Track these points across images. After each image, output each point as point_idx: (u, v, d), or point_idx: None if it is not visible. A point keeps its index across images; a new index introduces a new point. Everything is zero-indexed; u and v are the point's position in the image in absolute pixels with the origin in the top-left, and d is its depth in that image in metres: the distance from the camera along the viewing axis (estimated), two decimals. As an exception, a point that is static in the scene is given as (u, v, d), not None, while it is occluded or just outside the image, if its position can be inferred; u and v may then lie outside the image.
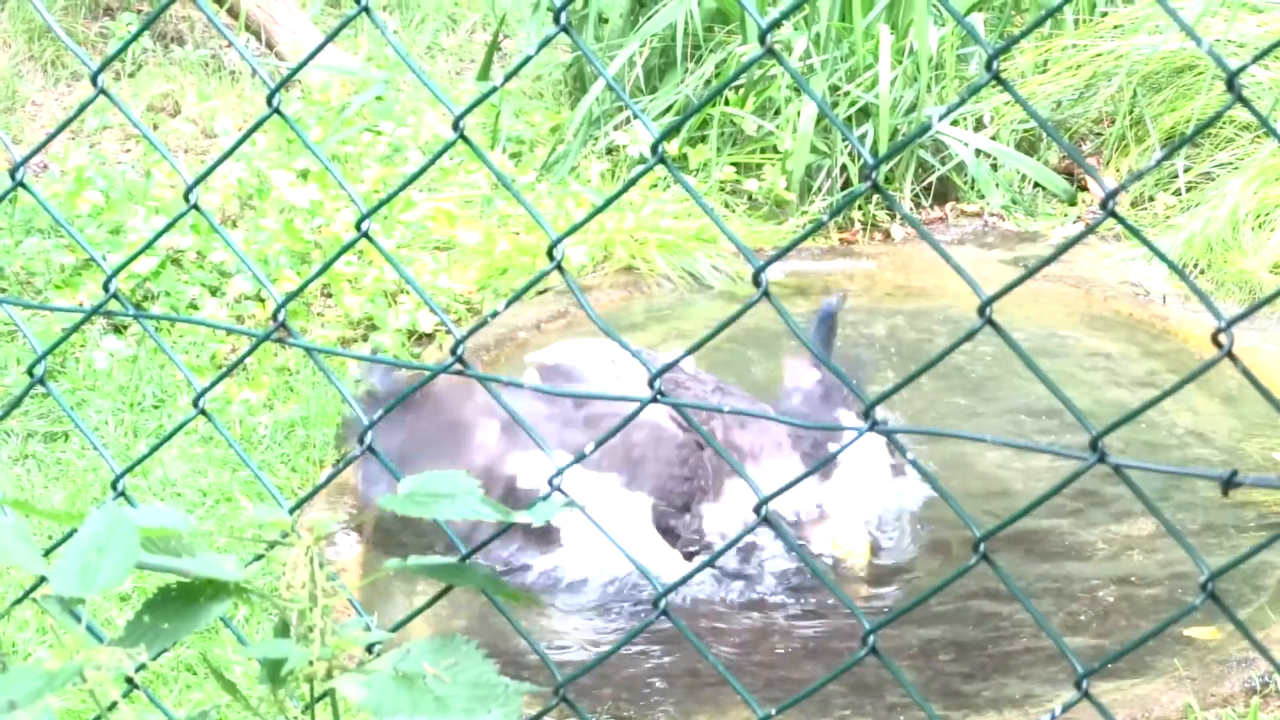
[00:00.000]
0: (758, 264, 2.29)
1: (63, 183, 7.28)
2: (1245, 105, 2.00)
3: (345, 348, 6.41)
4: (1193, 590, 5.03)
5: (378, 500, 2.45)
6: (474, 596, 4.44)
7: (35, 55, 9.40)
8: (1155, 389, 6.33)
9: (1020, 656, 4.95)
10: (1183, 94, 7.92)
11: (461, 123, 2.43)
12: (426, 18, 10.17)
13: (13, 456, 5.73)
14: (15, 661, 4.23)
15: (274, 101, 2.62)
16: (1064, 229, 7.83)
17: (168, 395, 6.08)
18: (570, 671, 2.47)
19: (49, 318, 6.30)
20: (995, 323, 2.13)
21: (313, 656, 2.15)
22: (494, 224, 7.39)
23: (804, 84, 2.25)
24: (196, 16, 9.81)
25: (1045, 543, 5.47)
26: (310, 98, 8.48)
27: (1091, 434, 2.09)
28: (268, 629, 4.65)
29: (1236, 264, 7.03)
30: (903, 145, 2.08)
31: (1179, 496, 5.62)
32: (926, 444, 5.75)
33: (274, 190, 7.26)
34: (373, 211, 2.53)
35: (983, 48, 2.13)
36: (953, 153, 8.04)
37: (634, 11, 8.55)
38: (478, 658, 2.16)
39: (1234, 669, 4.64)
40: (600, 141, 8.17)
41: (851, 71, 8.00)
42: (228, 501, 5.48)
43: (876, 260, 7.64)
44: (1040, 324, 6.98)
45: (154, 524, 2.23)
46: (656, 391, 2.39)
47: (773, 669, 4.96)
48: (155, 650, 2.17)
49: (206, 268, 6.77)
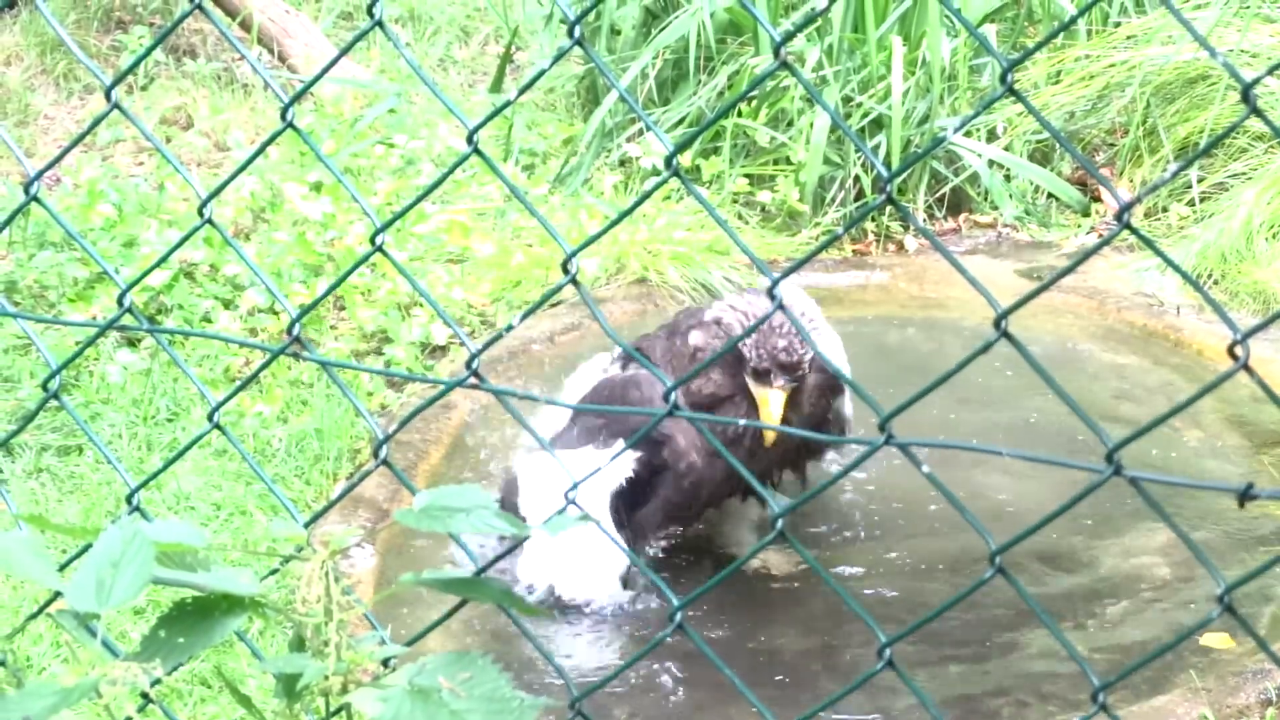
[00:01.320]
0: (773, 277, 2.29)
1: (76, 196, 7.29)
2: (1260, 117, 2.00)
3: (359, 361, 6.40)
4: (1209, 603, 5.02)
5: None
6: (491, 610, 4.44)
7: (48, 68, 9.42)
8: (1170, 401, 6.32)
9: (1036, 670, 4.95)
10: (1196, 104, 7.91)
11: (475, 136, 2.43)
12: (439, 30, 10.18)
13: (27, 470, 5.73)
14: (31, 676, 4.23)
15: (288, 115, 2.62)
16: (1078, 240, 7.82)
17: (181, 409, 6.08)
18: (586, 686, 2.47)
19: (62, 331, 6.30)
20: (1011, 335, 2.13)
21: (328, 671, 2.15)
22: (508, 236, 7.39)
23: (817, 95, 2.25)
24: (209, 30, 9.82)
25: (1061, 556, 5.46)
26: (323, 110, 8.48)
27: (1107, 446, 2.08)
28: (283, 643, 4.66)
29: (1250, 275, 7.02)
30: (916, 158, 2.07)
31: (1194, 509, 5.61)
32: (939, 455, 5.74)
33: (287, 203, 7.26)
34: (387, 225, 2.53)
35: (997, 60, 2.13)
36: (966, 164, 8.03)
37: (647, 23, 8.55)
38: (493, 672, 2.16)
39: (1249, 680, 4.63)
40: (613, 153, 8.17)
41: (864, 83, 7.99)
42: (242, 515, 5.48)
43: (890, 271, 7.64)
44: (1054, 336, 6.97)
45: (169, 538, 2.23)
46: (672, 406, 2.39)
47: (786, 681, 4.95)
48: (170, 665, 2.17)
49: (220, 281, 6.77)
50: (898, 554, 5.53)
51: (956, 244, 7.85)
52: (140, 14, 10.11)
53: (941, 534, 5.58)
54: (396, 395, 6.21)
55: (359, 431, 5.91)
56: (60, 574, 2.30)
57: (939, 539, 5.57)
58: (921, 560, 5.48)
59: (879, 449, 2.28)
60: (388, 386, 6.27)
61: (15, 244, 6.95)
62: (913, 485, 5.69)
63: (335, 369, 2.86)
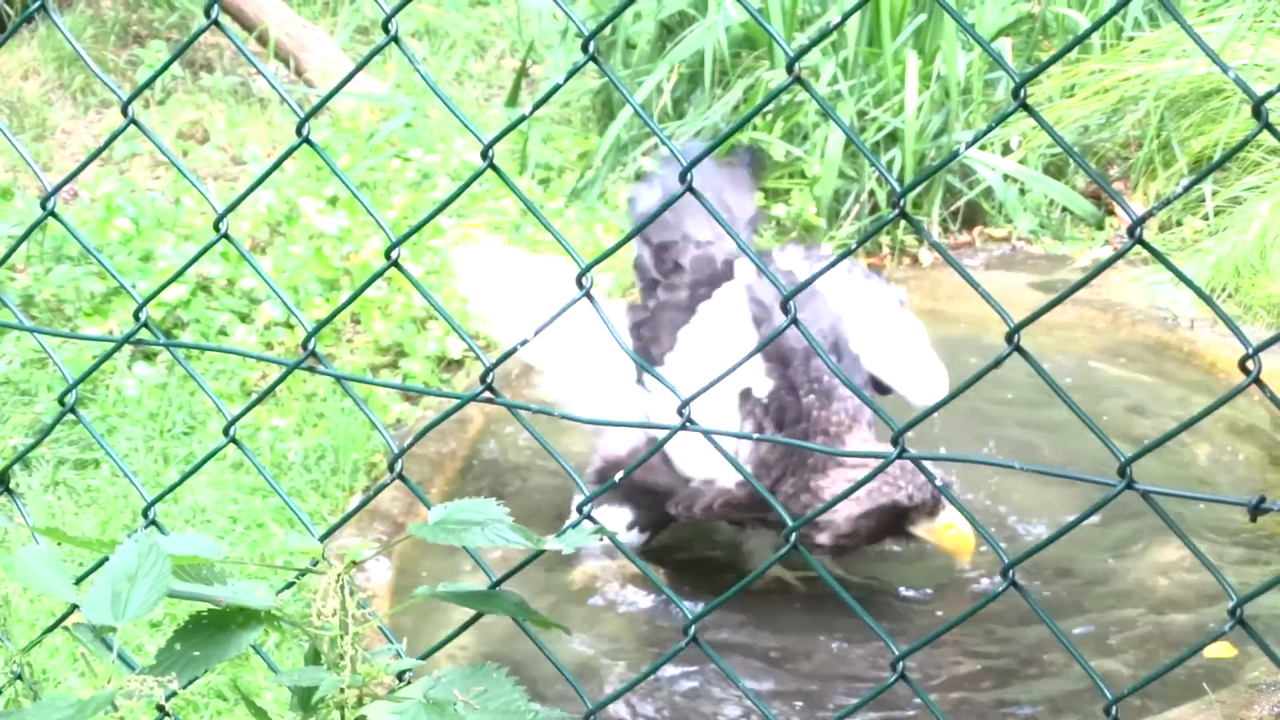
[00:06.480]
0: (785, 290, 2.29)
1: (93, 210, 7.31)
2: (1272, 131, 2.00)
3: (374, 374, 6.41)
4: (1220, 615, 5.02)
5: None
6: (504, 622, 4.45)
7: (65, 83, 9.45)
8: (1183, 415, 6.31)
9: (1050, 682, 4.94)
10: (1210, 118, 7.91)
11: (491, 151, 2.44)
12: (455, 44, 10.20)
13: (44, 484, 5.74)
14: (47, 689, 4.24)
15: (303, 131, 2.63)
16: (1092, 253, 7.82)
17: (198, 422, 6.09)
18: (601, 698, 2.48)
19: (79, 344, 6.31)
20: (1024, 350, 2.14)
21: (344, 684, 2.15)
22: (523, 250, 7.40)
23: (832, 112, 2.26)
24: (225, 44, 9.84)
25: (1073, 569, 5.46)
26: (339, 124, 8.50)
27: (1120, 460, 2.09)
28: (299, 656, 4.66)
29: (1265, 288, 7.01)
30: (930, 173, 2.08)
31: (1206, 522, 5.61)
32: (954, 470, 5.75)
33: (303, 217, 7.28)
34: (403, 240, 2.54)
35: (1010, 75, 2.13)
36: (980, 177, 8.04)
37: (662, 38, 8.57)
38: (508, 685, 2.17)
39: (1263, 693, 4.63)
40: (629, 167, 8.18)
41: (879, 97, 8.00)
42: (258, 528, 5.49)
43: (905, 285, 7.63)
44: (1068, 349, 6.97)
45: (185, 552, 2.24)
46: (686, 419, 2.40)
47: (800, 693, 4.95)
48: (186, 678, 2.18)
49: (236, 294, 6.78)
50: (912, 565, 5.52)
51: (971, 258, 7.86)
52: (157, 29, 10.14)
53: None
54: (412, 409, 6.22)
55: (375, 445, 5.92)
56: (77, 587, 2.32)
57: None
58: (936, 572, 5.48)
59: (892, 462, 2.29)
60: (403, 400, 6.28)
61: (33, 258, 6.97)
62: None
63: (351, 383, 2.86)
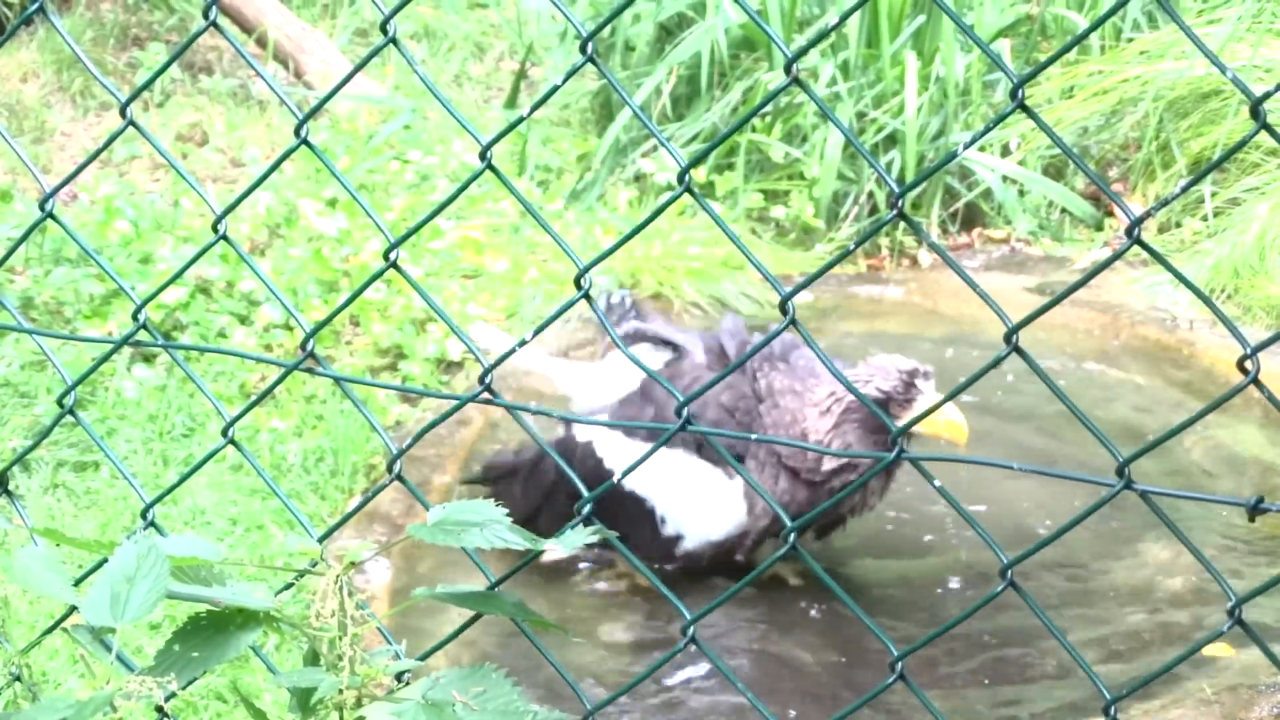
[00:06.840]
0: (784, 292, 2.30)
1: (92, 212, 7.31)
2: (1270, 132, 2.00)
3: (373, 376, 6.41)
4: (1220, 615, 5.02)
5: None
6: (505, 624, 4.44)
7: (64, 86, 9.44)
8: (1182, 415, 6.31)
9: (1049, 682, 4.94)
10: (1209, 119, 7.91)
11: (489, 153, 2.44)
12: (454, 46, 10.20)
13: (43, 485, 5.74)
14: (46, 690, 4.24)
15: (302, 133, 2.63)
16: (1091, 255, 7.82)
17: (197, 424, 6.09)
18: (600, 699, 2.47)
19: (78, 346, 6.31)
20: (1022, 350, 2.14)
21: (342, 685, 2.15)
22: (522, 252, 7.41)
23: (830, 114, 2.26)
24: (225, 46, 9.85)
25: (1072, 569, 5.46)
26: (338, 126, 8.51)
27: (1118, 460, 2.09)
28: (298, 657, 4.66)
29: (1264, 289, 7.01)
30: (928, 174, 2.07)
31: (1205, 522, 5.61)
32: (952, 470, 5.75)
33: (302, 219, 7.28)
34: (401, 241, 2.54)
35: (1008, 76, 2.13)
36: (980, 179, 8.04)
37: (661, 40, 8.57)
38: (506, 686, 2.17)
39: (1263, 693, 4.63)
40: (627, 169, 8.18)
41: (878, 98, 8.01)
42: (257, 530, 5.49)
43: (904, 286, 7.64)
44: (1067, 350, 6.97)
45: (184, 553, 2.24)
46: (685, 420, 2.40)
47: (799, 693, 4.95)
48: (185, 679, 2.17)
49: (235, 296, 6.78)
50: (912, 566, 5.53)
51: (970, 259, 7.86)
52: (156, 31, 10.14)
53: (956, 546, 5.58)
54: (411, 410, 6.22)
55: (374, 447, 5.92)
56: (76, 588, 2.31)
57: (953, 551, 5.57)
58: (936, 572, 5.48)
59: (890, 462, 2.29)
60: (402, 402, 6.28)
61: (32, 260, 6.97)
62: (926, 497, 5.69)
63: (350, 385, 2.86)
